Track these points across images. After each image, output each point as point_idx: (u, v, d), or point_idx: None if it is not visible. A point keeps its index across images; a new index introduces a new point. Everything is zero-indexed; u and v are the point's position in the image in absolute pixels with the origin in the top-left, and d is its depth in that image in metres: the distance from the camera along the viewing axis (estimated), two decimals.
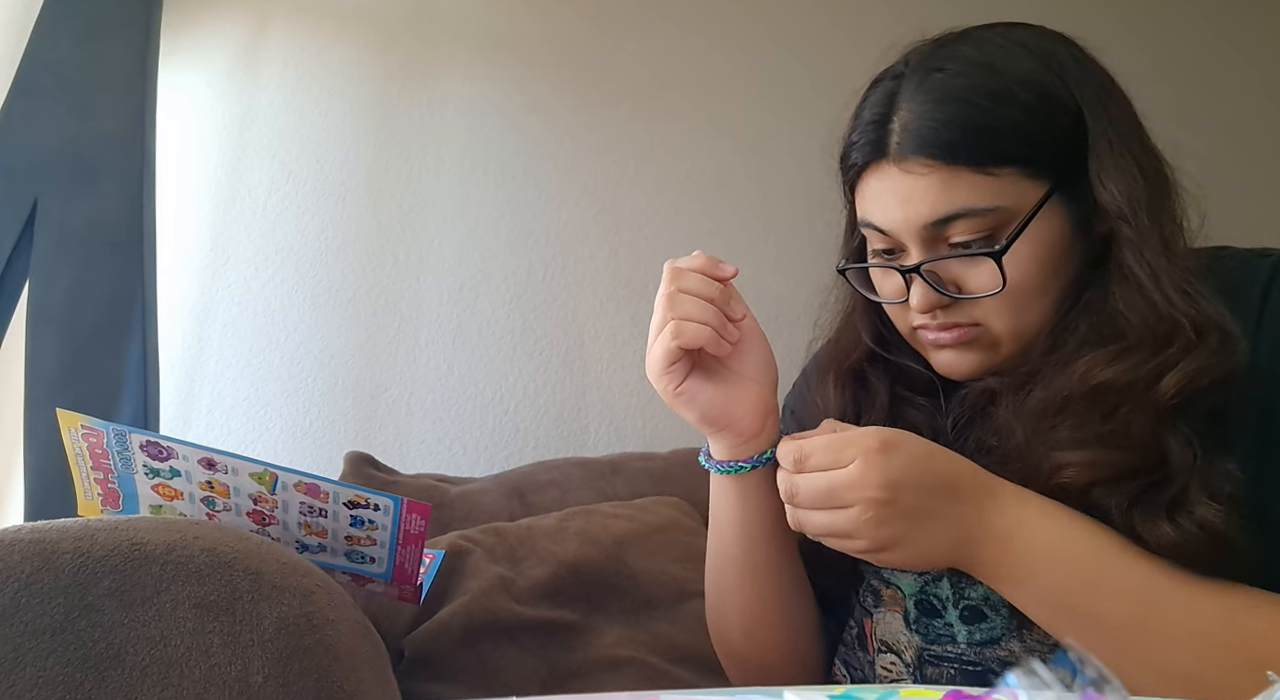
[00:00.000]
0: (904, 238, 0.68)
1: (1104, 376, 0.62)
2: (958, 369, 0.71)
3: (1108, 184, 0.65)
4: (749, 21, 1.68)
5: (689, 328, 0.66)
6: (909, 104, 0.67)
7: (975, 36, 0.70)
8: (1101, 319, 0.65)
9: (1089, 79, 0.67)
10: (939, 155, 0.65)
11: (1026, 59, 0.67)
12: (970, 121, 0.65)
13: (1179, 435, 0.60)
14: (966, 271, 0.67)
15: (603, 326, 1.58)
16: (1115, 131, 0.66)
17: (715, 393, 0.70)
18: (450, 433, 1.54)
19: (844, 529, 0.61)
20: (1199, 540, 0.57)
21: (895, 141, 0.67)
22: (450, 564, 1.06)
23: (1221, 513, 0.57)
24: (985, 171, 0.64)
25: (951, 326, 0.69)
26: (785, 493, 0.64)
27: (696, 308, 0.67)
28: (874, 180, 0.69)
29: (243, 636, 0.59)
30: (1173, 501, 0.59)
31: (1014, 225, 0.65)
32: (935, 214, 0.66)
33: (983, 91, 0.65)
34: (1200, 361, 0.60)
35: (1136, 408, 0.61)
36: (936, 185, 0.65)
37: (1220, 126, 1.58)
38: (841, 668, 0.78)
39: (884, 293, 0.74)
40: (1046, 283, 0.67)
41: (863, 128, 0.70)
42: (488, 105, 1.63)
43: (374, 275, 1.57)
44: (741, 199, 1.62)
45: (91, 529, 0.62)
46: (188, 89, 1.58)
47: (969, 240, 0.66)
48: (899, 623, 0.71)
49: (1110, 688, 0.31)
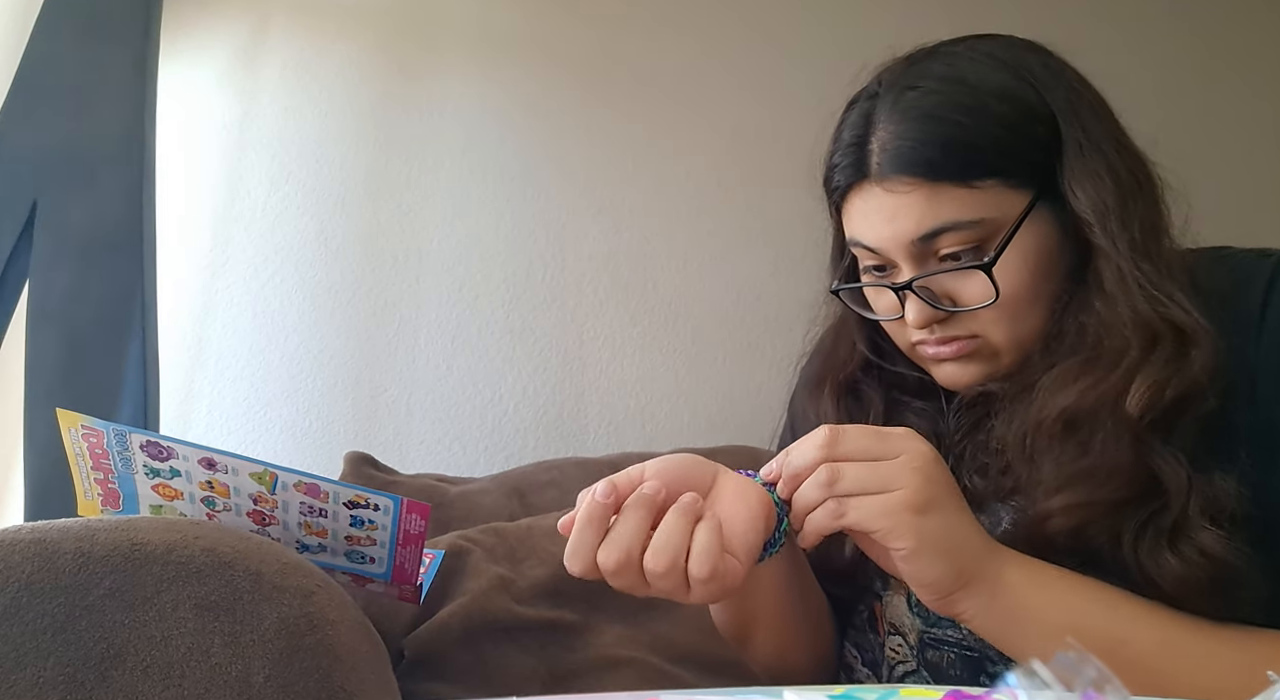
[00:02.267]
0: (893, 254, 0.69)
1: (1064, 401, 0.62)
2: (959, 381, 0.71)
3: (1076, 189, 0.65)
4: (748, 22, 1.68)
5: (710, 561, 0.55)
6: (885, 124, 0.67)
7: (945, 52, 0.70)
8: (1077, 329, 0.65)
9: (1060, 85, 0.68)
10: (920, 173, 0.65)
11: (998, 71, 0.67)
12: (948, 137, 0.65)
13: (1165, 456, 0.59)
14: (959, 284, 0.68)
15: (602, 326, 1.58)
16: (1086, 136, 0.66)
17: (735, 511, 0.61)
18: (450, 433, 1.54)
19: (887, 477, 0.57)
20: (1204, 569, 0.57)
21: (875, 162, 0.67)
22: (450, 564, 1.06)
23: (1223, 538, 0.57)
24: (968, 185, 0.65)
25: (950, 340, 0.69)
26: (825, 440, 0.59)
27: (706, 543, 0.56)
28: (858, 201, 0.70)
29: (243, 636, 0.60)
30: (1173, 529, 0.58)
31: (1001, 236, 0.65)
32: (921, 229, 0.66)
33: (958, 107, 0.66)
34: (1156, 373, 0.59)
35: (1110, 434, 0.60)
36: (920, 202, 0.66)
37: (1208, 123, 1.58)
38: (852, 650, 0.78)
39: (879, 310, 0.74)
40: (1038, 291, 0.67)
41: (843, 150, 0.70)
42: (487, 105, 1.63)
43: (373, 275, 1.57)
44: (740, 199, 1.62)
45: (92, 529, 0.62)
46: (188, 89, 1.58)
47: (958, 251, 0.66)
48: (904, 605, 0.72)
49: (1110, 688, 0.31)
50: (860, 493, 0.57)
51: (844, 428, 0.60)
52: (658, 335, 1.58)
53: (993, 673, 0.65)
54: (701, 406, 1.55)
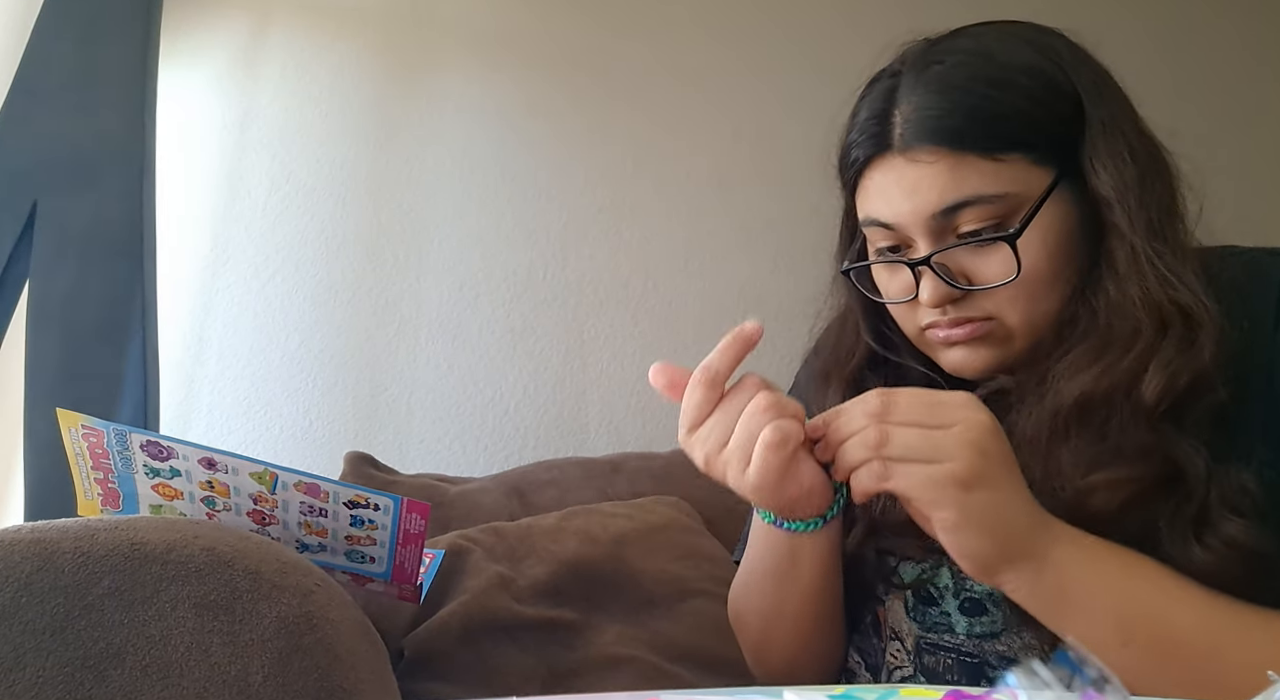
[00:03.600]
0: (911, 231, 0.67)
1: (1081, 386, 0.62)
2: (969, 367, 0.70)
3: (1098, 168, 0.65)
4: (748, 20, 1.68)
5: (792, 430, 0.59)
6: (910, 97, 0.67)
7: (971, 32, 0.70)
8: (1089, 312, 0.65)
9: (1085, 67, 0.68)
10: (946, 142, 0.64)
11: (1024, 48, 0.67)
12: (975, 108, 0.64)
13: (1183, 446, 0.59)
14: (978, 262, 0.67)
15: (603, 326, 1.58)
16: (1110, 116, 0.66)
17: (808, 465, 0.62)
18: (450, 433, 1.54)
19: (939, 446, 0.55)
20: (1231, 560, 0.56)
21: (899, 132, 0.66)
22: (450, 563, 1.06)
23: (1247, 527, 0.56)
24: (992, 158, 0.64)
25: (963, 321, 0.68)
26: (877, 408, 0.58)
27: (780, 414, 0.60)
28: (878, 175, 0.69)
29: (242, 636, 0.60)
30: (1196, 520, 0.58)
31: (1024, 212, 0.65)
32: (945, 202, 0.65)
33: (984, 79, 0.65)
34: (1169, 359, 0.59)
35: (1126, 420, 0.60)
36: (944, 173, 0.65)
37: (1221, 116, 1.58)
38: (855, 654, 0.78)
39: (890, 293, 0.73)
40: (1058, 271, 0.66)
41: (861, 125, 0.69)
42: (487, 105, 1.63)
43: (374, 275, 1.57)
44: (741, 198, 1.62)
45: (92, 529, 0.62)
46: (188, 89, 1.58)
47: (978, 228, 0.65)
48: (902, 610, 0.72)
49: (1110, 687, 0.31)
50: (908, 460, 0.56)
51: (897, 391, 0.59)
52: (658, 335, 1.58)
53: (993, 678, 0.65)
54: None
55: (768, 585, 0.73)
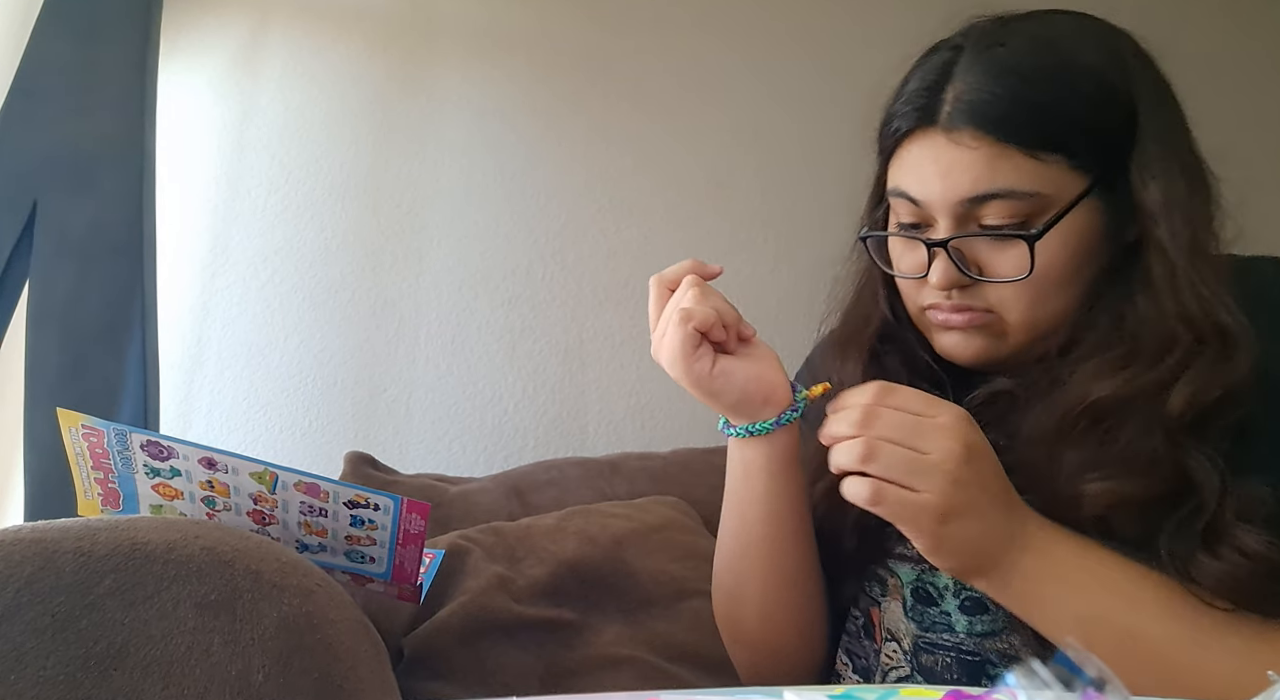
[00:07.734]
0: (936, 212, 0.67)
1: (1101, 391, 0.62)
2: (961, 353, 0.70)
3: (1149, 182, 0.64)
4: (748, 20, 1.68)
5: (697, 311, 0.66)
6: (966, 75, 0.66)
7: (1041, 17, 0.69)
8: (1115, 322, 0.65)
9: (1148, 76, 0.67)
10: (991, 130, 0.64)
11: (1091, 46, 0.66)
12: (1027, 101, 0.64)
13: (1199, 458, 0.59)
14: (993, 254, 0.67)
15: (602, 326, 1.58)
16: (1165, 129, 0.65)
17: (747, 366, 0.68)
18: (450, 433, 1.54)
19: (917, 472, 0.57)
20: (1247, 569, 0.56)
21: (947, 111, 0.66)
22: (450, 563, 1.06)
23: (1265, 538, 0.56)
24: (1033, 155, 0.64)
25: (964, 309, 0.68)
26: (861, 417, 0.59)
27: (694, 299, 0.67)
28: (916, 148, 0.68)
29: (243, 635, 0.60)
30: (1207, 532, 0.57)
31: (1050, 214, 0.64)
32: (976, 190, 0.65)
33: (1046, 73, 0.64)
34: (1202, 374, 0.59)
35: (1144, 428, 0.60)
36: (982, 161, 0.64)
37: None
38: (844, 656, 0.78)
39: (902, 267, 0.73)
40: (1070, 278, 0.66)
41: (909, 96, 0.68)
42: (487, 105, 1.63)
43: (373, 275, 1.57)
44: (740, 198, 1.62)
45: (92, 528, 0.62)
46: (188, 89, 1.58)
47: (1001, 223, 0.65)
48: (900, 611, 0.72)
49: (1110, 687, 0.31)
50: (890, 480, 0.58)
51: (893, 392, 0.60)
52: None
53: (993, 675, 0.65)
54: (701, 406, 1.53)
55: (730, 522, 0.75)
